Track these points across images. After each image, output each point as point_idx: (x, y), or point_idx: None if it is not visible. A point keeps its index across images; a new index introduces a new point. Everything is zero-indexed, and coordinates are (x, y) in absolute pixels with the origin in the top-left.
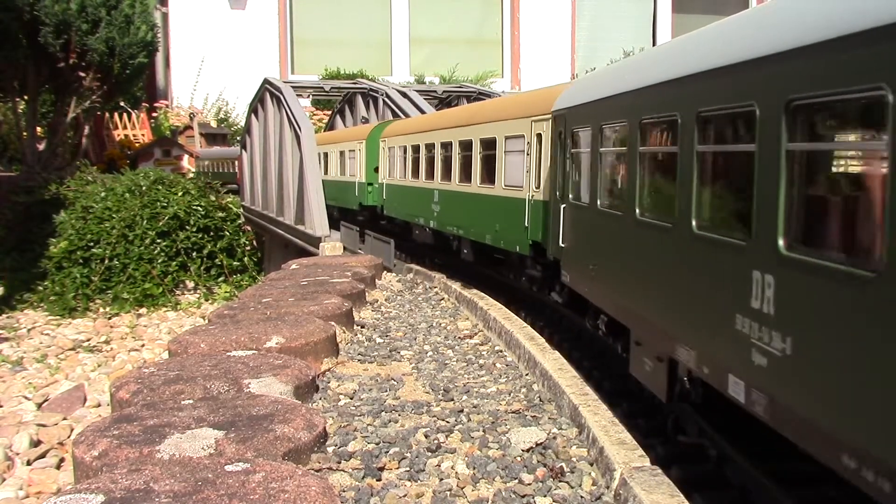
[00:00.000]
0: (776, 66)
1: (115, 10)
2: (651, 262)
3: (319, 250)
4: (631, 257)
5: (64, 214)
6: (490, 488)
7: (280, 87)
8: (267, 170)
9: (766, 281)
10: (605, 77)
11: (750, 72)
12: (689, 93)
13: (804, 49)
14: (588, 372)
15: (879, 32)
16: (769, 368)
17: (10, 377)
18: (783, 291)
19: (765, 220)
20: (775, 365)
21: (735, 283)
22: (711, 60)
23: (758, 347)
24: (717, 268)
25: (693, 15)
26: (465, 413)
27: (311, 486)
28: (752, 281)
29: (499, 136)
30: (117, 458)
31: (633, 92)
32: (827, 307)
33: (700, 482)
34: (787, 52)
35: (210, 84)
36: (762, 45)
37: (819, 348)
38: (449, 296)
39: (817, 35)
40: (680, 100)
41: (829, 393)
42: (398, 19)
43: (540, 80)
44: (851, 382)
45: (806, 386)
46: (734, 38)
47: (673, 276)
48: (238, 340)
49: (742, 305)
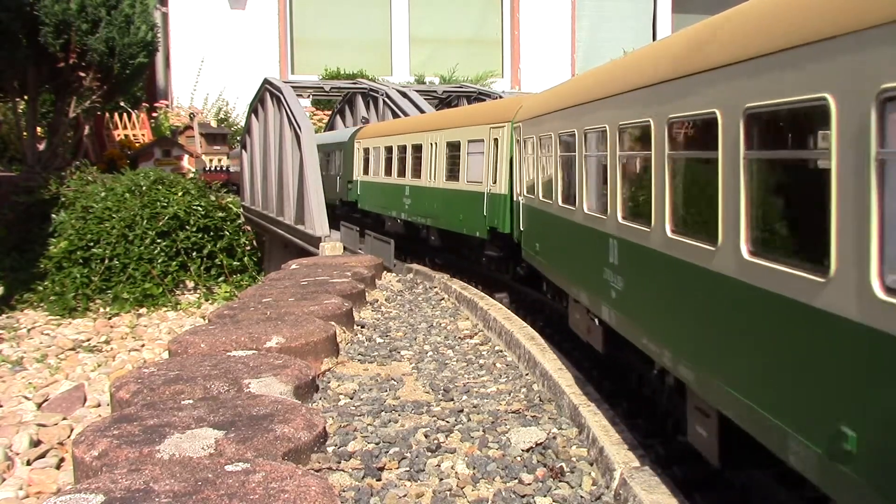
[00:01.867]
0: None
1: (115, 10)
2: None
3: (319, 250)
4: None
5: (64, 214)
6: (490, 488)
7: (280, 87)
8: (267, 170)
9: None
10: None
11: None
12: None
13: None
14: (588, 372)
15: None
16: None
17: (10, 377)
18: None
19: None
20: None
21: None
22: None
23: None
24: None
25: (693, 15)
26: (465, 413)
27: (311, 486)
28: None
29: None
30: (117, 458)
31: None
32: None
33: (700, 482)
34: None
35: (210, 84)
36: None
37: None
38: (449, 296)
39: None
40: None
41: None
42: (398, 19)
43: (540, 80)
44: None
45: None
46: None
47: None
48: (238, 340)
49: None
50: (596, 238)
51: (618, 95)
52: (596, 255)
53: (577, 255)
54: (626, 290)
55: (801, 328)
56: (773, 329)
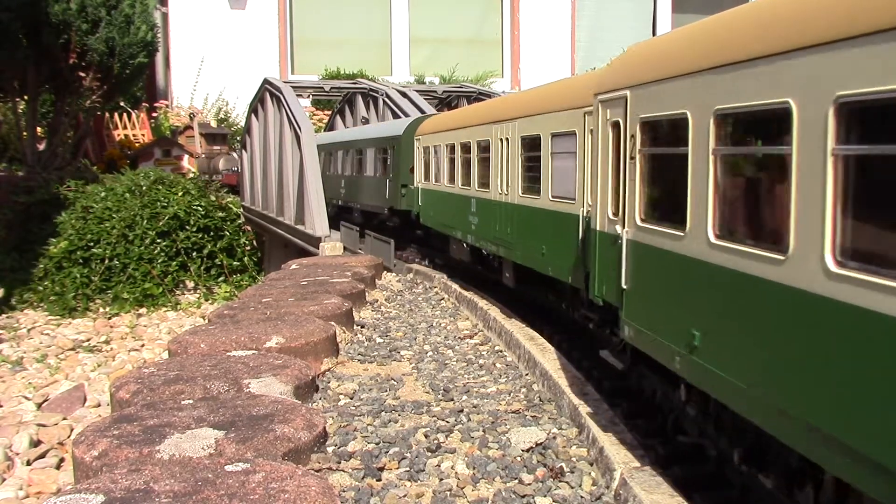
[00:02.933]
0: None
1: (115, 10)
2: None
3: (319, 250)
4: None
5: (64, 214)
6: (490, 488)
7: (280, 87)
8: (267, 170)
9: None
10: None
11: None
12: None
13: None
14: (588, 372)
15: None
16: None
17: (10, 377)
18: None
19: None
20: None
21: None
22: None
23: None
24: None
25: (693, 15)
26: (465, 413)
27: (311, 486)
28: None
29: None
30: (117, 458)
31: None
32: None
33: (700, 482)
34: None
35: (210, 84)
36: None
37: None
38: (449, 296)
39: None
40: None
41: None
42: (398, 19)
43: (540, 81)
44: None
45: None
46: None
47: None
48: (238, 340)
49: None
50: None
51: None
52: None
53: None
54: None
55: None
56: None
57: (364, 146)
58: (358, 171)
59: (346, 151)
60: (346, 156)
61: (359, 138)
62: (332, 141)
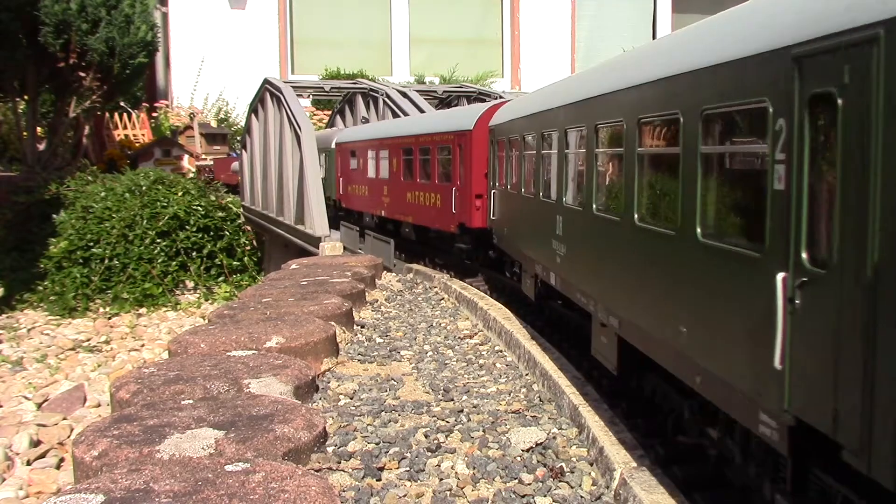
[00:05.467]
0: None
1: (115, 10)
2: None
3: (319, 250)
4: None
5: (64, 214)
6: (490, 488)
7: (280, 87)
8: (267, 170)
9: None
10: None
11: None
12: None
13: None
14: (588, 372)
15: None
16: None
17: (10, 377)
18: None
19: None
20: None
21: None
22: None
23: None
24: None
25: (692, 15)
26: (465, 413)
27: (311, 486)
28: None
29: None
30: (117, 458)
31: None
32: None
33: (700, 482)
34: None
35: (210, 84)
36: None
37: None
38: (449, 295)
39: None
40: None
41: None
42: (398, 19)
43: (540, 81)
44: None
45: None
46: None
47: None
48: (238, 340)
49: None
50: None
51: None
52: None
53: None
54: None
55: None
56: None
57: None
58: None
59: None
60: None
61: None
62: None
